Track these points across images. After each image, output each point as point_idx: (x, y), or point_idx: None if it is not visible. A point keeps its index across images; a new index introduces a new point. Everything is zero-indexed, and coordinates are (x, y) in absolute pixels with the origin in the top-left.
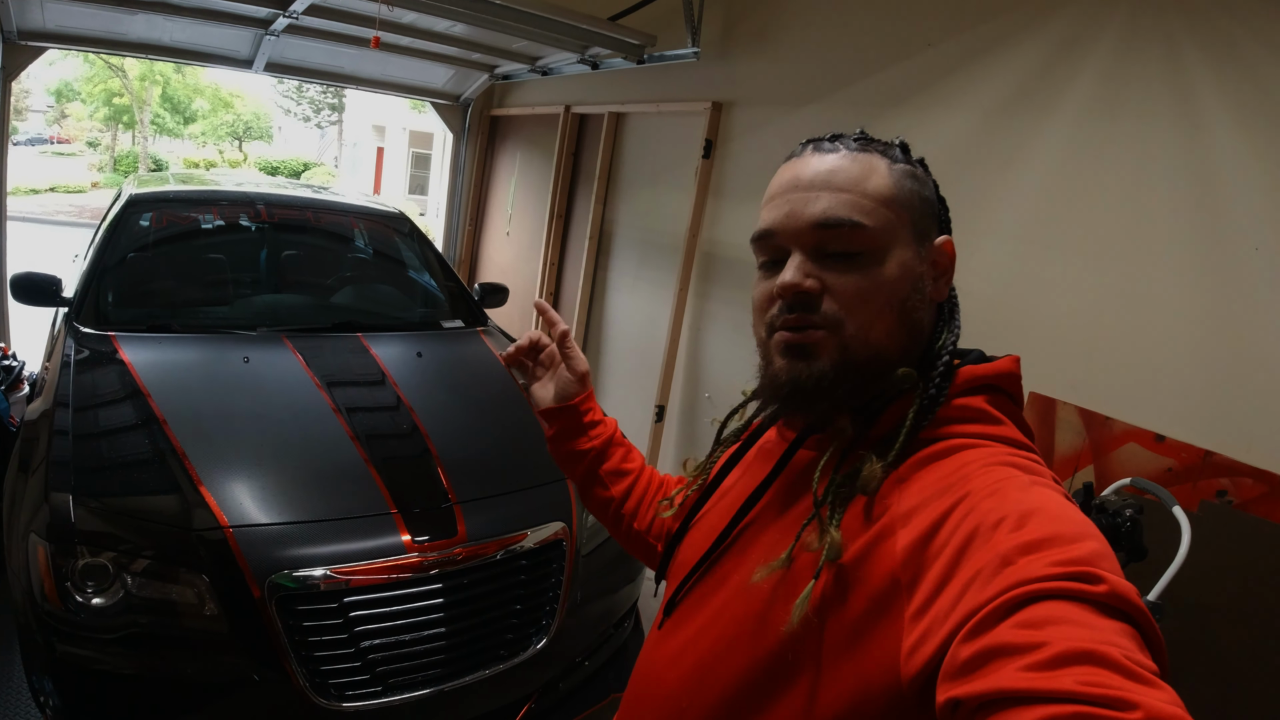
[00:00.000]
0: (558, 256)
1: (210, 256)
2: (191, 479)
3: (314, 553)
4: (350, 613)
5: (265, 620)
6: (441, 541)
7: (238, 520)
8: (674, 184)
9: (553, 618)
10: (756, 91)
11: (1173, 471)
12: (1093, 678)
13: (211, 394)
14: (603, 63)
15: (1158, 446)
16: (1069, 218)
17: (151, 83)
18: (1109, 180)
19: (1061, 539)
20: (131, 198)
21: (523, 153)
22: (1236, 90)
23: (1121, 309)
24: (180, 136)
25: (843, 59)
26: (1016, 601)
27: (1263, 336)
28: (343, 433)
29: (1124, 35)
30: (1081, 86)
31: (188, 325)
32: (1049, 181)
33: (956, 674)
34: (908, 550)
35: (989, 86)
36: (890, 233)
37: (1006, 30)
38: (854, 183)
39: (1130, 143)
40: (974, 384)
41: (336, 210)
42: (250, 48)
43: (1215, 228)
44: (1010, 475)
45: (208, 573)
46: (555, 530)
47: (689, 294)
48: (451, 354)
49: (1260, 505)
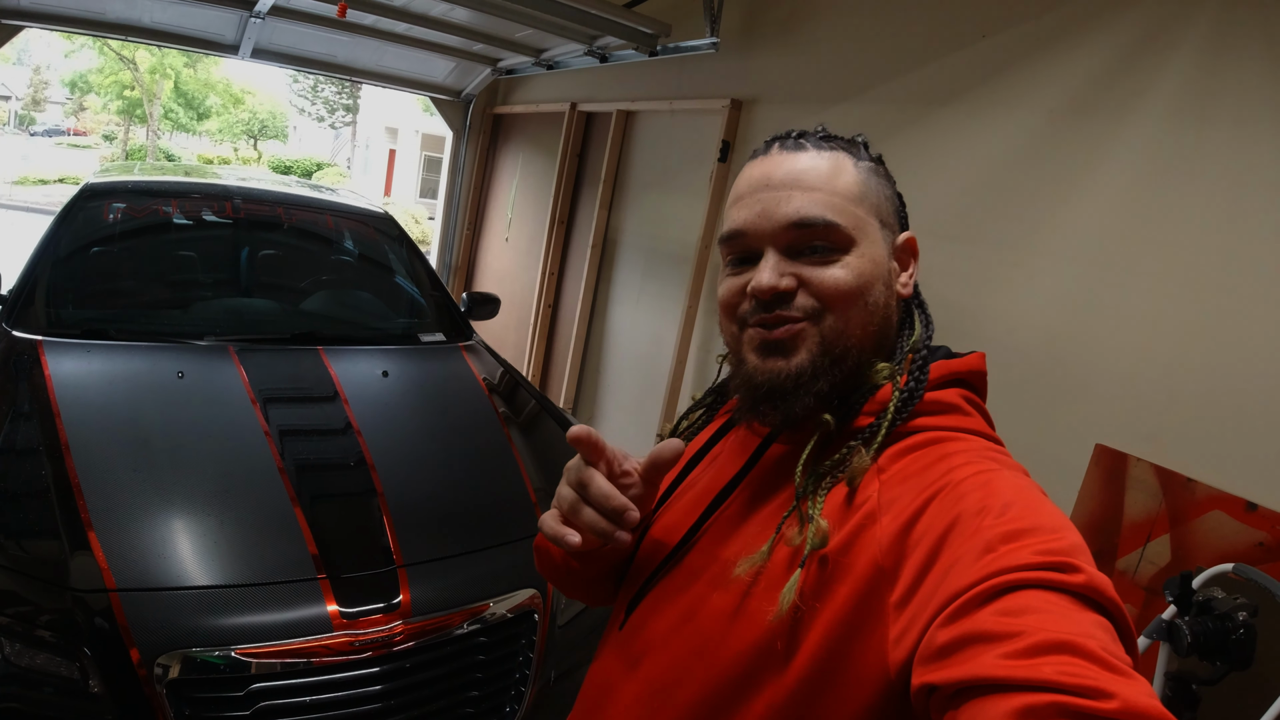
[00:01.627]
0: (558, 265)
1: (167, 255)
2: (81, 523)
3: (218, 625)
4: (259, 702)
5: (154, 707)
6: (379, 616)
7: (127, 582)
8: (685, 189)
9: (520, 702)
10: (781, 88)
11: (1264, 546)
12: (1071, 667)
13: (130, 415)
14: (612, 55)
15: (1248, 516)
16: (1149, 239)
17: (162, 76)
18: (1198, 197)
19: (1042, 529)
20: (87, 186)
21: (525, 154)
22: None
23: (1210, 349)
24: (195, 133)
25: (880, 52)
26: (997, 589)
27: None
28: (271, 464)
29: (1216, 28)
30: (1165, 86)
31: (127, 332)
32: (1125, 196)
33: (933, 658)
34: (890, 537)
35: (1055, 84)
36: (860, 229)
37: (1076, 19)
38: (824, 181)
39: (1225, 153)
40: (947, 378)
41: (315, 208)
42: (235, 32)
43: None
44: (992, 467)
45: (89, 644)
46: (526, 598)
47: (698, 310)
48: (424, 373)
49: None
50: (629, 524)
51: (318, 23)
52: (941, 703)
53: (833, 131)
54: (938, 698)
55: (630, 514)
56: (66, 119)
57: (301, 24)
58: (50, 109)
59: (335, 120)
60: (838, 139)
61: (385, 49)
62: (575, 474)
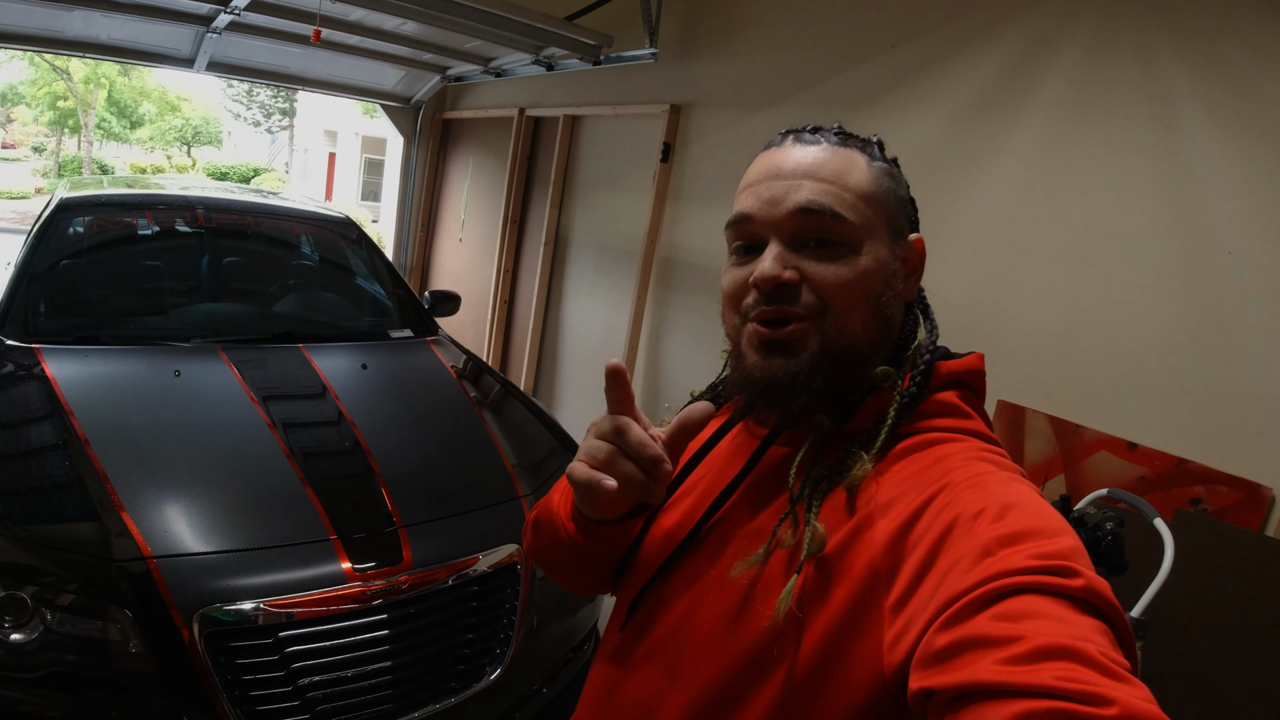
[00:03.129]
0: (512, 263)
1: (144, 263)
2: (114, 505)
3: (246, 584)
4: (286, 648)
5: (194, 658)
6: (386, 569)
7: (162, 550)
8: (631, 188)
9: (508, 645)
10: (716, 94)
11: (1145, 480)
12: (1070, 673)
13: (139, 411)
14: (558, 64)
15: (1130, 455)
16: (1039, 221)
17: (97, 85)
18: (1081, 183)
19: (1040, 533)
20: (62, 201)
21: (476, 157)
22: (1212, 91)
23: (1093, 314)
24: (127, 141)
25: (805, 61)
26: (995, 594)
27: (1237, 342)
28: (278, 450)
29: (1095, 35)
30: (1051, 88)
31: (117, 337)
32: (1019, 184)
33: (930, 662)
34: (887, 540)
35: (955, 88)
36: (868, 228)
37: (973, 31)
38: (836, 175)
39: (1103, 145)
40: (946, 380)
41: (279, 215)
42: (192, 46)
43: (1189, 231)
44: (988, 470)
45: (130, 607)
46: (509, 553)
47: (648, 300)
48: (399, 365)
49: (1236, 513)
50: (664, 476)
51: (274, 36)
52: (939, 708)
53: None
54: (935, 702)
55: (665, 465)
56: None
57: (257, 38)
58: None
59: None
60: (853, 137)
61: (337, 59)
62: (609, 424)
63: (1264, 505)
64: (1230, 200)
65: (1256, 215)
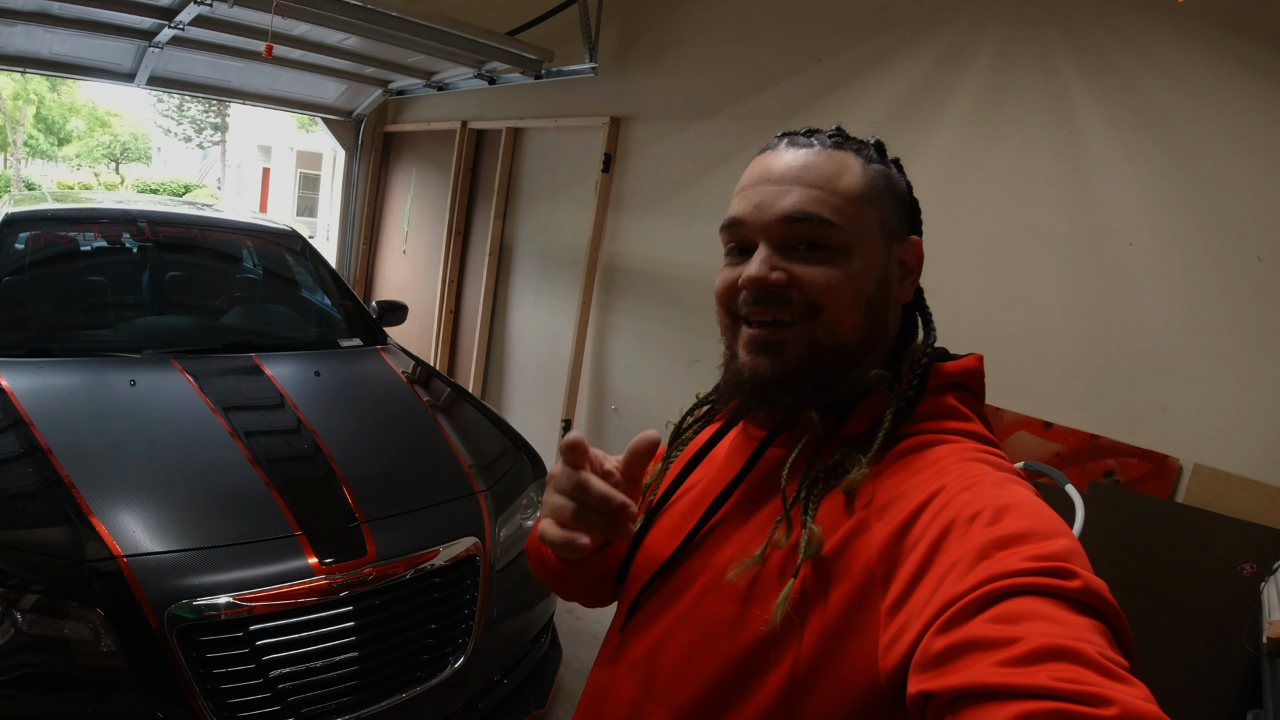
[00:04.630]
0: (457, 273)
1: (92, 277)
2: (81, 509)
3: (215, 580)
4: (257, 641)
5: (166, 654)
6: (350, 562)
7: (132, 549)
8: (574, 198)
9: (469, 636)
10: (654, 106)
11: (1061, 455)
12: (1068, 674)
13: (98, 420)
14: (500, 78)
15: (1046, 433)
16: (953, 221)
17: (25, 102)
18: (990, 184)
19: (1037, 534)
20: (8, 217)
21: (418, 169)
22: (1108, 95)
23: (1006, 305)
24: (54, 159)
25: (737, 74)
26: (992, 596)
27: (1138, 326)
28: (241, 456)
29: (1002, 47)
30: (963, 97)
31: (69, 349)
32: (935, 187)
33: (929, 666)
34: (883, 543)
35: (876, 99)
36: (858, 231)
37: (892, 45)
38: (826, 180)
39: (1009, 148)
40: (944, 382)
41: (224, 228)
42: (133, 60)
43: (1092, 226)
44: (984, 471)
45: (102, 606)
46: (467, 546)
47: (592, 307)
48: (351, 372)
49: (1146, 483)
50: (631, 519)
51: (217, 51)
52: (938, 710)
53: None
54: (934, 705)
55: (630, 509)
56: None
57: (199, 52)
58: None
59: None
60: (850, 140)
61: (278, 73)
62: (567, 480)
63: (1171, 475)
64: (1129, 196)
65: (1153, 210)
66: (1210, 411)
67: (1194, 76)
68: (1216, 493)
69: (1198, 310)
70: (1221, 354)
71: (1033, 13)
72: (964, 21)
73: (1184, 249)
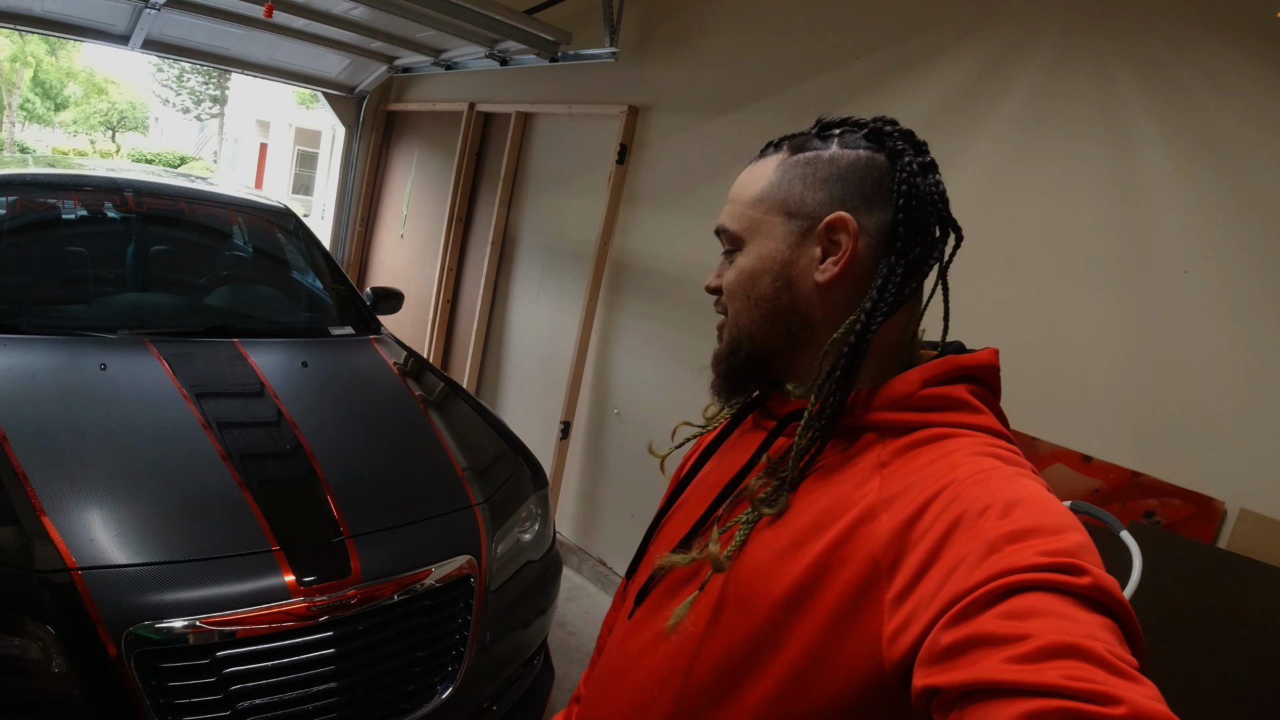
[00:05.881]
0: (456, 261)
1: (68, 248)
2: (34, 509)
3: (180, 599)
4: (224, 669)
5: (123, 680)
6: (332, 583)
7: (88, 561)
8: (585, 190)
9: (459, 663)
10: (675, 97)
11: (1100, 492)
12: (1077, 672)
13: (62, 407)
14: (513, 59)
15: (1085, 467)
16: (993, 235)
17: (23, 64)
18: (1035, 198)
19: (1047, 529)
20: None
21: (421, 151)
22: (1165, 111)
23: (1047, 328)
24: (50, 124)
25: (766, 67)
26: (1001, 591)
27: (1188, 359)
28: (213, 451)
29: (1055, 54)
30: (1010, 103)
31: (38, 325)
32: (975, 198)
33: (936, 660)
34: (890, 533)
35: (916, 101)
36: (752, 229)
37: (937, 44)
38: (739, 192)
39: (1057, 160)
40: (955, 373)
41: (214, 202)
42: (128, 22)
43: (1144, 249)
44: (995, 465)
45: (53, 623)
46: (461, 565)
47: (598, 305)
48: (341, 364)
49: (1188, 525)
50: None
51: (215, 15)
52: (945, 705)
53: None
54: (940, 700)
55: None
56: None
57: (197, 16)
58: None
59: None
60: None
61: (279, 43)
62: None
63: (1215, 519)
64: (1186, 219)
65: (1210, 238)
66: (1260, 454)
67: (1262, 103)
68: (1262, 539)
69: (1253, 347)
70: (1276, 394)
71: (1089, 21)
72: (1015, 24)
73: (1242, 281)
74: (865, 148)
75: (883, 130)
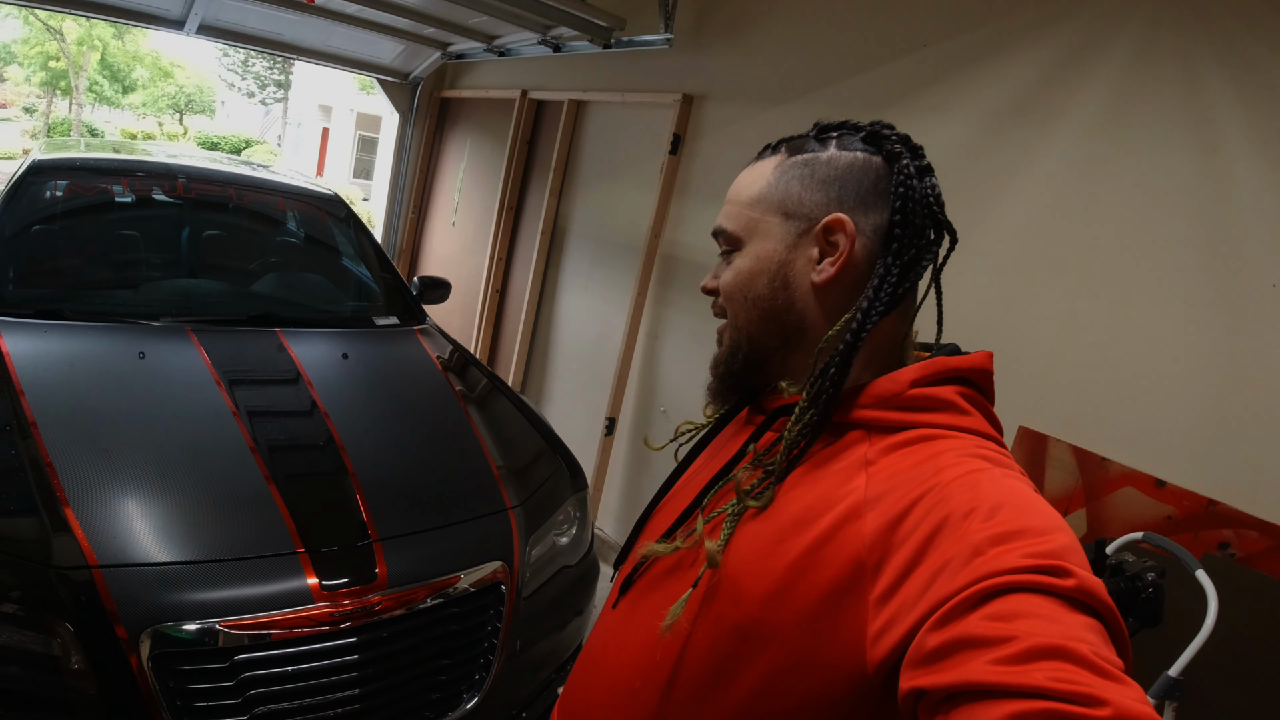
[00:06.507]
0: (506, 251)
1: (117, 234)
2: (58, 500)
3: (200, 600)
4: (243, 673)
5: (140, 681)
6: (357, 588)
7: (109, 558)
8: (636, 180)
9: (488, 670)
10: (731, 86)
11: (1172, 520)
12: (1063, 673)
13: (95, 396)
14: (565, 45)
15: (1157, 492)
16: (1067, 240)
17: (90, 48)
18: (1113, 202)
19: (1032, 531)
20: (34, 164)
21: (473, 138)
22: (1258, 114)
23: (1122, 342)
24: (119, 106)
25: (827, 55)
26: (986, 593)
27: (1274, 380)
28: (242, 443)
29: (1137, 48)
30: (1088, 100)
31: (82, 312)
32: (1047, 199)
33: (922, 662)
34: (875, 533)
35: (986, 95)
36: (750, 229)
37: (1010, 34)
38: (736, 193)
39: (1138, 163)
40: (944, 375)
41: (263, 189)
42: (182, 7)
43: (1229, 260)
44: (981, 466)
45: (71, 620)
46: (493, 570)
47: (647, 299)
48: (382, 355)
49: (1265, 560)
50: None
51: (267, 0)
52: (931, 708)
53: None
54: (926, 702)
55: None
56: None
57: (249, 1)
58: None
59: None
60: (790, 141)
61: (333, 29)
62: None
63: None
64: (1276, 229)
65: None
66: None
67: None
68: None
69: None
70: None
71: (1176, 13)
72: (1095, 14)
73: None
74: (863, 150)
75: (880, 133)
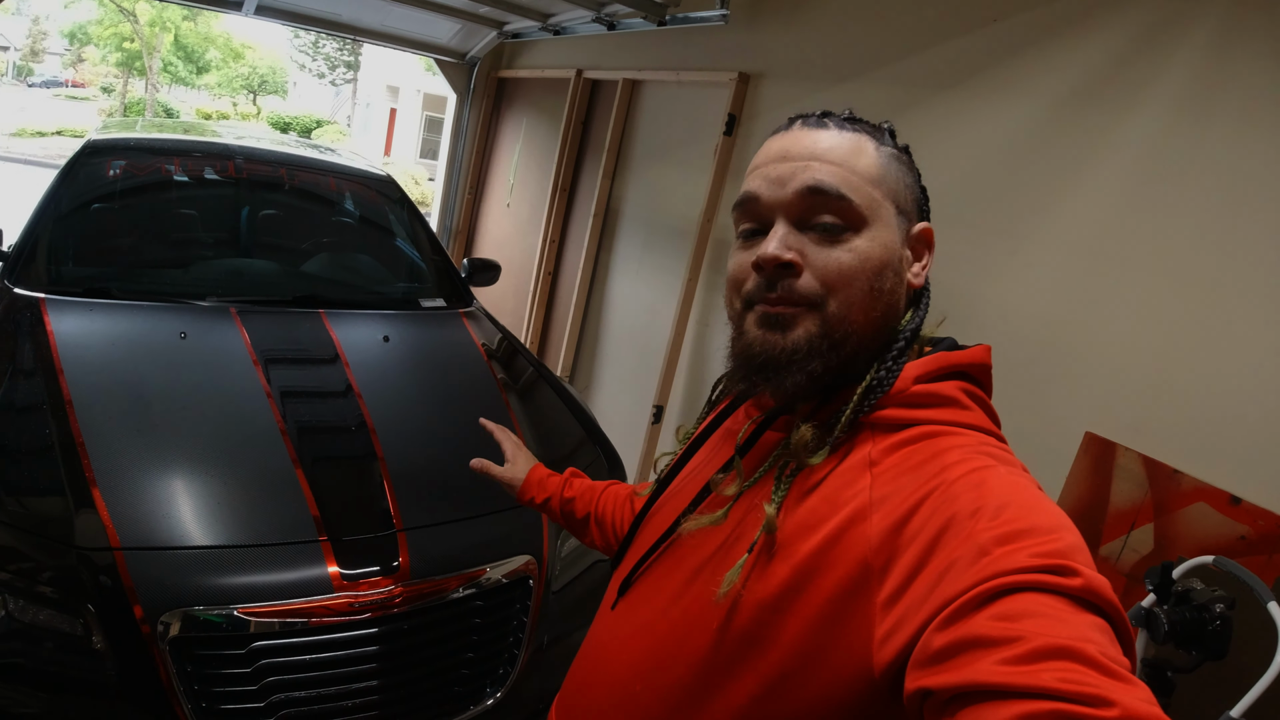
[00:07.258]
0: (559, 233)
1: (168, 214)
2: (86, 481)
3: (220, 585)
4: (260, 660)
5: (157, 664)
6: (377, 579)
7: (131, 541)
8: (690, 162)
9: (513, 665)
10: (789, 64)
11: (1246, 540)
12: (1070, 674)
13: (133, 375)
14: (620, 23)
15: (1232, 510)
16: (1143, 232)
17: (162, 29)
18: (1194, 192)
19: (1038, 530)
20: (90, 143)
21: (529, 119)
22: None
23: (1200, 344)
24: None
25: (889, 31)
26: (993, 593)
27: None
28: (273, 424)
29: (1224, 25)
30: (1170, 80)
31: (129, 291)
32: (1123, 188)
33: (928, 663)
34: (881, 535)
35: (1060, 73)
36: (874, 211)
37: (1085, 8)
38: (844, 158)
39: (1225, 150)
40: (947, 371)
41: (317, 169)
42: None
43: None
44: (986, 464)
45: (93, 601)
46: (521, 564)
47: (698, 285)
48: (425, 339)
49: None
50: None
51: None
52: (937, 708)
53: (858, 115)
54: (933, 703)
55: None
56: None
57: None
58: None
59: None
60: (862, 122)
61: (390, 9)
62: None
63: None
64: None
65: None
66: None
67: None
68: None
69: None
70: None
71: None
72: None
73: None
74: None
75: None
